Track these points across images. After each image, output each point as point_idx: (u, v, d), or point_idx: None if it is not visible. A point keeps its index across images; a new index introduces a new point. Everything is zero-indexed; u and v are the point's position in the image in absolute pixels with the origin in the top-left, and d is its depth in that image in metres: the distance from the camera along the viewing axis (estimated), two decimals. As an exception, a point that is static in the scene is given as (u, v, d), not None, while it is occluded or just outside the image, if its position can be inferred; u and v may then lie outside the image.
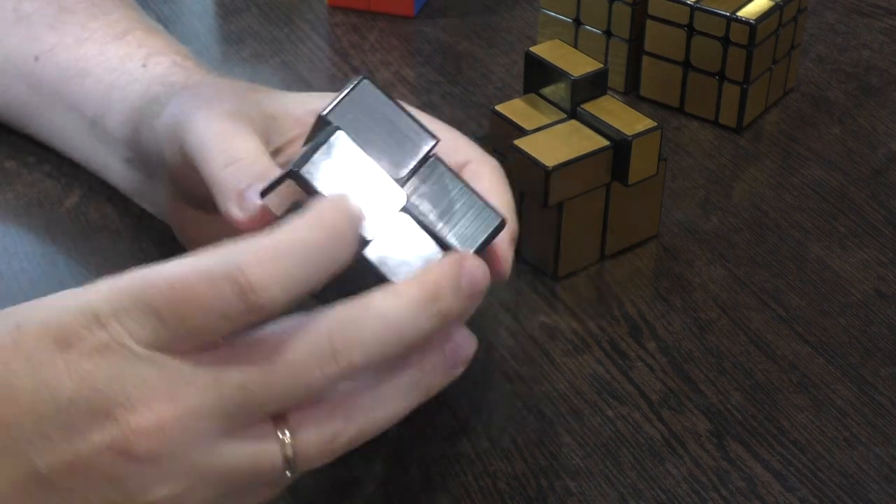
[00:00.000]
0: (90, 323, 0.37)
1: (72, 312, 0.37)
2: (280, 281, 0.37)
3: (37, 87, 0.60)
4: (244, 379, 0.37)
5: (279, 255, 0.37)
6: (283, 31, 0.76)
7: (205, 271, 0.36)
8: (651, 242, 0.60)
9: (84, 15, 0.60)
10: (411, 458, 0.48)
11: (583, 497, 0.47)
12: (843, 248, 0.60)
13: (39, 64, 0.59)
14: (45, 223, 0.59)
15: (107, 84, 0.57)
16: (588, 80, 0.57)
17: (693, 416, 0.50)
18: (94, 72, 0.58)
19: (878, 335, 0.55)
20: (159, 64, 0.56)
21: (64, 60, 0.59)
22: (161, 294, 0.36)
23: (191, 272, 0.37)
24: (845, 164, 0.66)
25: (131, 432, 0.36)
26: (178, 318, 0.36)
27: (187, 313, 0.36)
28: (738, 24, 0.65)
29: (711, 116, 0.68)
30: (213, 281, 0.36)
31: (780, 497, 0.47)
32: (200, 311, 0.36)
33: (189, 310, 0.36)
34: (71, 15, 0.60)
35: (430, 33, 0.77)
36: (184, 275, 0.36)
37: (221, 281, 0.36)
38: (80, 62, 0.58)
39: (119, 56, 0.57)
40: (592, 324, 0.55)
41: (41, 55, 0.59)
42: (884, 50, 0.76)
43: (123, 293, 0.37)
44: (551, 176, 0.54)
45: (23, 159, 0.63)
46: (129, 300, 0.37)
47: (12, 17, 0.61)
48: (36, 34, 0.60)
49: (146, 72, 0.56)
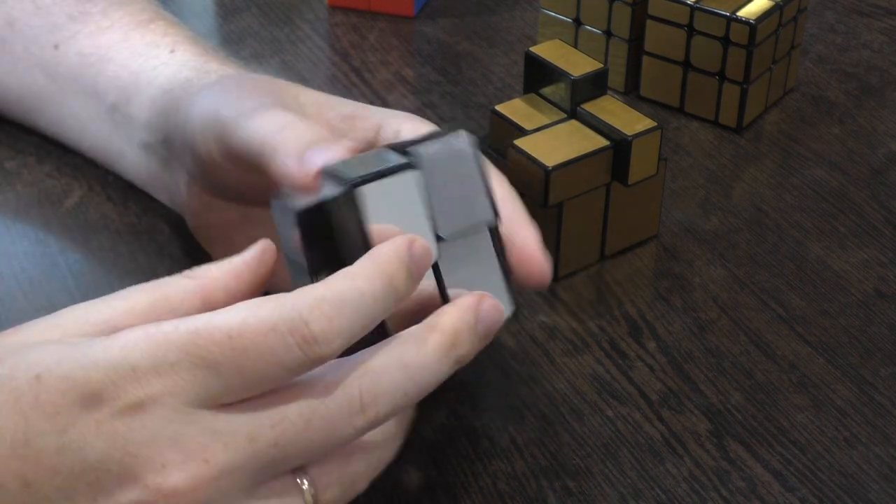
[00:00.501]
0: (124, 379, 0.35)
1: (102, 367, 0.36)
2: (342, 333, 0.37)
3: (54, 75, 0.60)
4: (278, 436, 0.37)
5: (342, 306, 0.37)
6: (283, 31, 0.76)
7: (268, 322, 0.36)
8: (651, 242, 0.60)
9: (105, 4, 0.60)
10: (411, 459, 0.48)
11: (583, 497, 0.47)
12: (843, 248, 0.60)
13: (59, 52, 0.59)
14: (45, 223, 0.59)
15: (132, 69, 0.56)
16: (588, 80, 0.57)
17: (693, 416, 0.50)
18: (117, 58, 0.57)
19: (878, 335, 0.55)
20: (188, 51, 0.56)
21: (85, 47, 0.58)
22: (218, 346, 0.36)
23: (253, 322, 0.36)
24: (845, 164, 0.66)
25: (162, 496, 0.35)
26: (237, 370, 0.36)
27: (247, 365, 0.36)
28: (738, 24, 0.65)
29: (711, 116, 0.68)
30: (278, 332, 0.36)
31: (780, 497, 0.47)
32: (262, 362, 0.36)
33: (249, 362, 0.36)
34: (92, 5, 0.60)
35: (430, 33, 0.77)
36: (245, 325, 0.36)
37: (286, 332, 0.36)
38: (101, 49, 0.58)
39: (145, 43, 0.57)
40: (592, 324, 0.55)
41: (61, 43, 0.59)
42: (884, 50, 0.76)
43: (169, 346, 0.36)
44: (551, 176, 0.54)
45: (23, 159, 0.63)
46: (176, 353, 0.36)
47: (31, 9, 0.60)
48: (56, 24, 0.60)
49: (174, 57, 0.55)
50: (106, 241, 0.58)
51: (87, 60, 0.58)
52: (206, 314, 0.37)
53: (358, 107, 0.49)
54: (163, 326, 0.36)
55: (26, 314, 0.53)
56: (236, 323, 0.36)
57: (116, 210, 0.60)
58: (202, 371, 0.36)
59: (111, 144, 0.59)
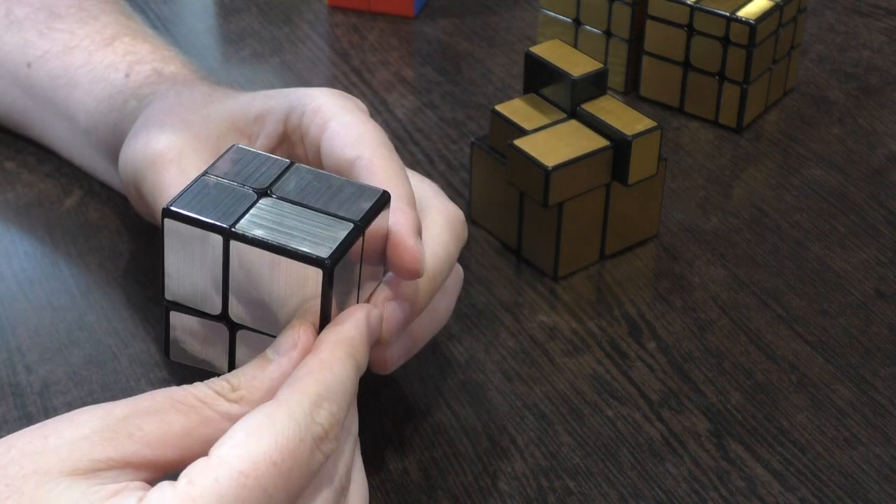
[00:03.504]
0: None
1: None
2: (339, 423, 0.38)
3: (31, 94, 0.60)
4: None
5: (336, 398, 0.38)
6: (283, 31, 0.76)
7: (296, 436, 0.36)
8: (651, 242, 0.60)
9: (73, 21, 0.60)
10: (411, 458, 0.48)
11: (583, 497, 0.47)
12: (843, 248, 0.60)
13: (32, 71, 0.59)
14: (45, 223, 0.59)
15: (96, 95, 0.57)
16: (588, 80, 0.57)
17: (693, 416, 0.50)
18: (82, 82, 0.57)
19: (878, 335, 0.55)
20: (141, 73, 0.56)
21: (55, 68, 0.59)
22: (270, 478, 0.35)
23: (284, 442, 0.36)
24: (845, 164, 0.66)
25: None
26: (286, 492, 0.36)
27: (291, 484, 0.36)
28: (738, 24, 0.65)
29: (711, 116, 0.68)
30: (305, 443, 0.36)
31: (780, 497, 0.47)
32: (301, 477, 0.36)
33: (293, 480, 0.36)
34: (60, 21, 0.60)
35: (430, 33, 0.77)
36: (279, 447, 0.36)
37: (310, 440, 0.36)
38: (69, 71, 0.58)
39: (105, 65, 0.57)
40: (592, 324, 0.55)
41: (33, 62, 0.59)
42: (884, 50, 0.76)
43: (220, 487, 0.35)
44: (551, 176, 0.54)
45: (23, 160, 0.63)
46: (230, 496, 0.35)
47: (4, 23, 0.61)
48: (28, 40, 0.60)
49: (128, 82, 0.56)
50: (106, 241, 0.58)
51: (56, 83, 0.59)
52: (231, 449, 0.36)
53: (266, 103, 0.49)
54: (200, 480, 0.35)
55: (26, 314, 0.54)
56: (273, 447, 0.36)
57: (116, 210, 0.60)
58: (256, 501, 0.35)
59: (95, 162, 0.59)
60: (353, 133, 0.46)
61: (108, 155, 0.57)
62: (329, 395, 0.37)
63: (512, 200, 0.57)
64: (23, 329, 0.53)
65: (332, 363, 0.38)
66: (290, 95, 0.48)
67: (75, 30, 0.59)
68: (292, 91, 0.49)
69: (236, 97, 0.51)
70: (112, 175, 0.58)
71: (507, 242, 0.59)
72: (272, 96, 0.49)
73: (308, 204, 0.40)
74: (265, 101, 0.49)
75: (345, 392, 0.38)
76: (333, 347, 0.39)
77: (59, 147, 0.61)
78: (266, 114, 0.49)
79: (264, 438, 0.35)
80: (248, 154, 0.42)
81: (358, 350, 0.39)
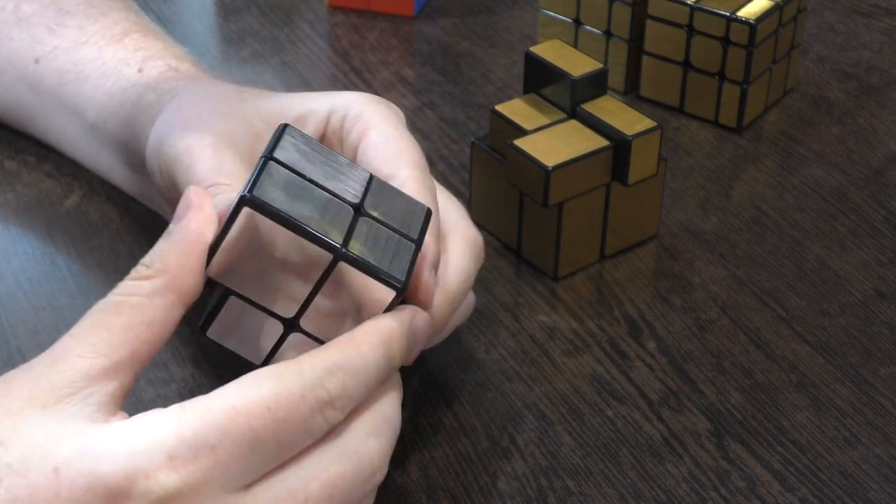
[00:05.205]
0: (158, 469, 0.34)
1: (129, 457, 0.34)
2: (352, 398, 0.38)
3: (37, 90, 0.60)
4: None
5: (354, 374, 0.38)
6: (283, 31, 0.76)
7: (298, 391, 0.36)
8: (651, 242, 0.60)
9: (82, 17, 0.60)
10: (411, 458, 0.48)
11: (583, 497, 0.47)
12: (843, 248, 0.60)
13: (40, 66, 0.59)
14: (45, 223, 0.59)
15: (106, 89, 0.57)
16: (588, 80, 0.57)
17: (693, 416, 0.50)
18: (92, 76, 0.57)
19: (878, 335, 0.55)
20: (155, 68, 0.56)
21: (64, 64, 0.59)
22: (260, 419, 0.35)
23: (285, 392, 0.36)
24: (845, 164, 0.66)
25: None
26: (276, 442, 0.36)
27: (284, 436, 0.36)
28: (738, 24, 0.65)
29: (711, 116, 0.68)
30: (307, 400, 0.37)
31: (780, 497, 0.47)
32: (296, 431, 0.36)
33: (287, 432, 0.36)
34: (70, 17, 0.60)
35: (430, 33, 0.77)
36: (279, 396, 0.36)
37: (313, 400, 0.37)
38: (78, 66, 0.58)
39: (116, 60, 0.57)
40: (592, 324, 0.55)
41: (41, 58, 0.59)
42: (884, 50, 0.76)
43: (207, 428, 0.35)
44: (551, 176, 0.54)
45: (23, 159, 0.63)
46: (217, 434, 0.35)
47: (13, 20, 0.61)
48: (36, 36, 0.60)
49: (142, 77, 0.56)
50: (106, 241, 0.58)
51: (65, 78, 0.59)
52: (230, 388, 0.36)
53: (306, 104, 0.49)
54: (191, 406, 0.36)
55: (26, 314, 0.54)
56: (271, 394, 0.36)
57: (116, 210, 0.60)
58: (244, 448, 0.35)
59: (100, 158, 0.59)
60: (392, 148, 0.46)
61: (116, 149, 0.57)
62: (347, 368, 0.38)
63: (512, 200, 0.57)
64: (23, 329, 0.53)
65: (361, 343, 0.39)
66: (332, 98, 0.49)
67: (85, 26, 0.59)
68: (334, 94, 0.50)
69: (271, 97, 0.51)
70: (116, 171, 0.58)
71: (507, 242, 0.59)
72: (313, 98, 0.50)
73: (391, 225, 0.41)
74: (305, 101, 0.50)
75: (367, 372, 0.38)
76: (368, 331, 0.39)
77: (62, 143, 0.61)
78: (308, 114, 0.49)
79: (266, 384, 0.36)
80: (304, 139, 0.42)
81: (393, 341, 0.40)
